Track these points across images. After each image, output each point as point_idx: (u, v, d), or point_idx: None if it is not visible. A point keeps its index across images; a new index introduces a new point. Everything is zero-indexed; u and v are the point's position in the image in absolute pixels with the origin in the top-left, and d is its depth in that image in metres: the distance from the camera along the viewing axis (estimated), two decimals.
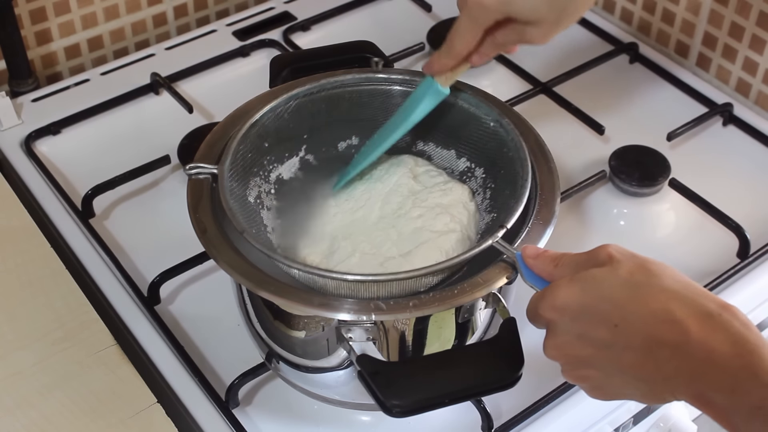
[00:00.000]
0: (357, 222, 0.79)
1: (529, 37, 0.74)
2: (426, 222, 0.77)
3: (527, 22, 0.72)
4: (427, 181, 0.82)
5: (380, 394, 0.62)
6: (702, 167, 1.03)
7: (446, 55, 0.77)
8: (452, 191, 0.80)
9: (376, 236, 0.77)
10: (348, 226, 0.79)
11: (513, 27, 0.74)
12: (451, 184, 0.81)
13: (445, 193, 0.80)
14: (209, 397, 0.80)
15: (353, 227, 0.78)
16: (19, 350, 0.82)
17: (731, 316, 0.57)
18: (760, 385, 0.54)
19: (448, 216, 0.77)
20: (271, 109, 0.80)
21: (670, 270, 0.61)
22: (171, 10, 1.24)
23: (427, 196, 0.80)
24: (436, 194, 0.80)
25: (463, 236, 0.76)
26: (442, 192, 0.80)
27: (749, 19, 1.08)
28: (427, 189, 0.80)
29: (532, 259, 0.66)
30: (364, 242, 0.76)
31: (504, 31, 0.74)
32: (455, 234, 0.76)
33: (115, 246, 0.94)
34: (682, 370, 0.57)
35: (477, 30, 0.74)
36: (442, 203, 0.79)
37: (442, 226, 0.76)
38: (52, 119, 1.07)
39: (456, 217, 0.77)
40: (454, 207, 0.78)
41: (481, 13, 0.73)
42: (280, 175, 0.83)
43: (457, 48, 0.76)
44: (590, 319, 0.60)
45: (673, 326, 0.57)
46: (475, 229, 0.78)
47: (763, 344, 0.56)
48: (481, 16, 0.73)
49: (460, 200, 0.79)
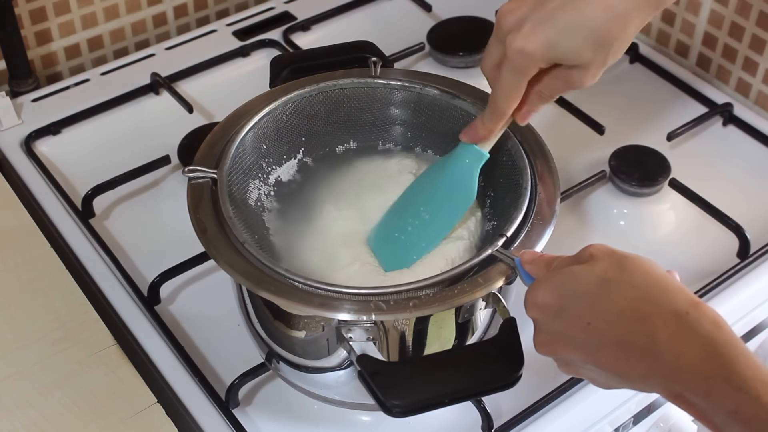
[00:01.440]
0: (359, 231, 0.79)
1: (576, 81, 0.67)
2: None
3: (573, 67, 0.66)
4: None
5: (380, 394, 0.62)
6: (702, 167, 1.03)
7: (491, 118, 0.71)
8: None
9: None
10: (349, 233, 0.78)
11: (558, 74, 0.67)
12: None
13: None
14: (209, 397, 0.80)
15: (355, 235, 0.78)
16: (19, 350, 0.82)
17: (700, 315, 0.56)
18: (732, 390, 0.53)
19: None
20: (270, 111, 0.80)
21: (647, 265, 0.60)
22: (171, 10, 1.24)
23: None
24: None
25: (471, 244, 0.76)
26: None
27: (749, 19, 1.08)
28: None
29: (528, 263, 0.67)
30: (366, 252, 0.76)
31: (548, 80, 0.68)
32: (463, 242, 0.76)
33: (115, 246, 0.94)
34: (655, 371, 0.57)
35: (521, 82, 0.67)
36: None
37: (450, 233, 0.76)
38: (52, 119, 1.07)
39: (464, 224, 0.77)
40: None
41: (525, 62, 0.65)
42: (278, 177, 0.83)
43: (503, 107, 0.69)
44: (567, 316, 0.61)
45: (640, 325, 0.57)
46: (480, 236, 0.78)
47: (734, 344, 0.55)
48: (524, 66, 0.66)
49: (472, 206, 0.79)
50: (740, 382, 0.53)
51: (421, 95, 0.84)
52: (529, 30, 0.65)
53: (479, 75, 0.77)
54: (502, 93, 0.69)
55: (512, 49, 0.65)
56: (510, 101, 0.69)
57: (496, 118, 0.71)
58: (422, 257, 0.75)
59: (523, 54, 0.65)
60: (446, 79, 0.85)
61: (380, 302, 0.66)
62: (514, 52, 0.65)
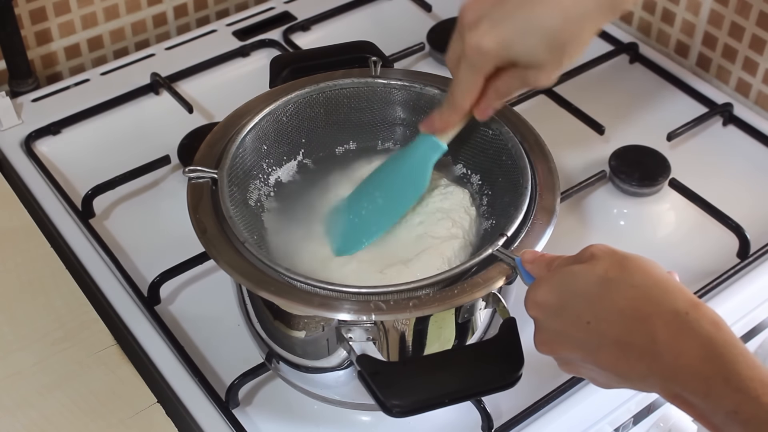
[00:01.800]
0: None
1: (532, 81, 0.69)
2: (427, 228, 0.77)
3: (528, 66, 0.68)
4: None
5: (380, 394, 0.62)
6: (702, 167, 1.03)
7: (449, 110, 0.73)
8: (453, 195, 0.79)
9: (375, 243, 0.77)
10: None
11: (514, 72, 0.69)
12: (452, 187, 0.81)
13: (446, 197, 0.79)
14: (209, 397, 0.80)
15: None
16: (19, 350, 0.82)
17: (700, 315, 0.56)
18: (732, 390, 0.53)
19: (450, 221, 0.77)
20: (270, 112, 0.80)
21: (647, 265, 0.61)
22: (171, 10, 1.24)
23: (428, 200, 0.79)
24: (436, 198, 0.79)
25: (466, 242, 0.76)
26: (442, 196, 0.79)
27: (749, 19, 1.08)
28: (427, 193, 0.80)
29: (529, 263, 0.67)
30: (361, 252, 0.76)
31: (505, 77, 0.70)
32: (458, 240, 0.76)
33: (115, 246, 0.94)
34: (654, 371, 0.57)
35: (478, 78, 0.69)
36: (443, 207, 0.78)
37: (444, 232, 0.76)
38: (52, 119, 1.07)
39: (458, 222, 0.77)
40: (455, 212, 0.78)
41: (480, 59, 0.68)
42: (278, 178, 0.83)
43: (459, 101, 0.71)
44: (567, 315, 0.61)
45: (640, 325, 0.57)
46: (476, 234, 0.78)
47: (733, 344, 0.55)
48: (480, 62, 0.68)
49: (461, 204, 0.79)
50: (740, 382, 0.53)
51: (420, 95, 0.84)
52: (486, 28, 0.67)
53: None
54: (459, 88, 0.71)
55: (469, 46, 0.68)
56: (466, 96, 0.71)
57: (452, 111, 0.73)
58: (371, 242, 0.77)
59: (480, 51, 0.67)
60: (446, 79, 0.85)
61: (380, 302, 0.66)
62: (471, 49, 0.67)
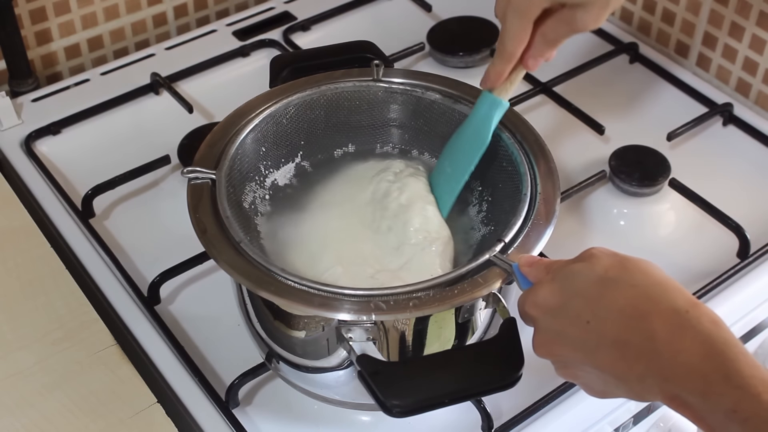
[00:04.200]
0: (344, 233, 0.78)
1: (580, 23, 0.70)
2: (400, 237, 0.76)
3: (576, 5, 0.69)
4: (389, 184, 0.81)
5: (380, 394, 0.62)
6: (702, 167, 1.03)
7: (500, 60, 0.73)
8: (407, 187, 0.79)
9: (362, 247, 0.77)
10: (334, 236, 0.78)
11: (561, 16, 0.70)
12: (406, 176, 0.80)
13: (402, 191, 0.79)
14: (209, 397, 0.80)
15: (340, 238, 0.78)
16: (19, 350, 0.82)
17: (699, 314, 0.56)
18: (732, 388, 0.53)
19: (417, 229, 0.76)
20: (270, 114, 0.80)
21: (648, 266, 0.60)
22: (171, 10, 1.24)
23: (386, 202, 0.79)
24: (393, 196, 0.79)
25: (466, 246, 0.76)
26: (398, 192, 0.79)
27: (749, 19, 1.08)
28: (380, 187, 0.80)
29: (527, 267, 0.67)
30: (348, 253, 0.76)
31: (552, 22, 0.71)
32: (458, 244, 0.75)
33: (115, 246, 0.94)
34: (653, 370, 0.57)
35: (526, 24, 0.70)
36: (401, 204, 0.78)
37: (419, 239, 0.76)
38: (52, 119, 1.07)
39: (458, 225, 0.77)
40: (414, 206, 0.78)
41: (528, 3, 0.69)
42: (275, 180, 0.83)
43: (509, 48, 0.72)
44: (566, 314, 0.61)
45: (639, 324, 0.57)
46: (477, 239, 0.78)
47: (733, 343, 0.55)
48: (528, 7, 0.69)
49: (419, 196, 0.78)
50: (739, 379, 0.53)
51: (420, 99, 0.84)
52: None
53: (479, 75, 0.77)
54: (508, 34, 0.71)
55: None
56: (516, 42, 0.71)
57: (504, 60, 0.73)
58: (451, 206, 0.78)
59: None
60: (446, 79, 0.85)
61: (380, 302, 0.66)
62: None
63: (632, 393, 0.60)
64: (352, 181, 0.83)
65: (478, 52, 1.14)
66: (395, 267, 0.75)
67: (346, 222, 0.79)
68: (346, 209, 0.80)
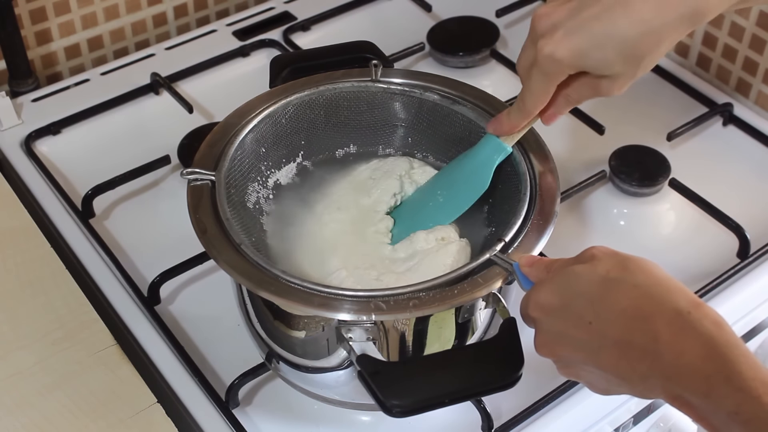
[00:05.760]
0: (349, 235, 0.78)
1: (605, 90, 0.69)
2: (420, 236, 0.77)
3: (602, 76, 0.68)
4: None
5: (380, 394, 0.62)
6: (702, 167, 1.03)
7: (517, 114, 0.73)
8: (384, 191, 0.80)
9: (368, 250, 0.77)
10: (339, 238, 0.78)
11: (586, 81, 0.69)
12: (411, 181, 0.81)
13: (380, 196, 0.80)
14: (209, 397, 0.80)
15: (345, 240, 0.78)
16: (19, 350, 0.82)
17: (702, 315, 0.56)
18: (734, 390, 0.53)
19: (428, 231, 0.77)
20: (269, 114, 0.80)
21: (649, 266, 0.60)
22: (171, 10, 1.24)
23: (377, 207, 0.79)
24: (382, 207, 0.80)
25: (469, 248, 0.76)
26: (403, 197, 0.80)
27: (749, 19, 1.08)
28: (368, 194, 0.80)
29: (527, 267, 0.67)
30: (354, 256, 0.76)
31: (577, 85, 0.70)
32: (461, 245, 0.75)
33: (115, 246, 0.94)
34: (655, 371, 0.57)
35: (550, 86, 0.69)
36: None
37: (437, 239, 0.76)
38: (52, 119, 1.07)
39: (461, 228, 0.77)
40: None
41: (554, 68, 0.67)
42: (277, 180, 0.83)
43: (530, 107, 0.72)
44: (568, 316, 0.61)
45: (642, 324, 0.57)
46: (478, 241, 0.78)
47: (735, 345, 0.55)
48: (554, 71, 0.68)
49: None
50: (741, 381, 0.53)
51: (421, 100, 0.84)
52: (561, 37, 0.66)
53: (479, 75, 0.77)
54: (530, 94, 0.71)
55: (543, 54, 0.67)
56: (537, 103, 0.71)
57: (521, 116, 0.73)
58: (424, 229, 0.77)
59: (553, 60, 0.67)
60: (447, 80, 0.85)
61: (380, 302, 0.66)
62: (545, 57, 0.67)
63: (635, 391, 0.60)
64: (356, 183, 0.83)
65: (478, 52, 1.14)
66: (402, 270, 0.75)
67: (352, 226, 0.79)
68: (352, 213, 0.80)
